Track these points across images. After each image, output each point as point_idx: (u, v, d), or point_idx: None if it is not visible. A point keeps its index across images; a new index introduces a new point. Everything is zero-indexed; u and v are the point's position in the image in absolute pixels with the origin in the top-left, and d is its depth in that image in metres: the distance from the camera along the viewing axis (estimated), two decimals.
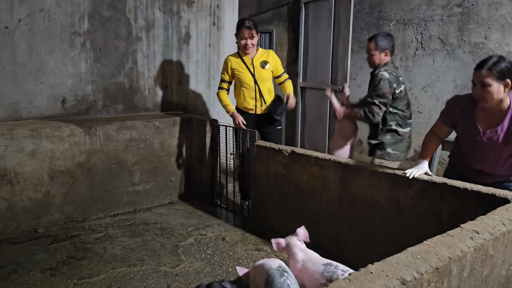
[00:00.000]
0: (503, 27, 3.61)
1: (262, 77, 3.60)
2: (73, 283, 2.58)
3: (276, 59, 3.68)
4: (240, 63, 3.61)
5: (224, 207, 3.97)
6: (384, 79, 2.96)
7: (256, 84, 3.60)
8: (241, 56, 3.64)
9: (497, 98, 2.12)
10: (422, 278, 1.27)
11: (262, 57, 3.63)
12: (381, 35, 3.11)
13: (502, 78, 2.08)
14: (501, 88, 2.09)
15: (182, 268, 2.78)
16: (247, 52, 3.57)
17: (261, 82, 3.60)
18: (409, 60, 4.32)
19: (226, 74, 3.68)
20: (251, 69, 3.59)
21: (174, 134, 4.04)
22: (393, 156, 3.09)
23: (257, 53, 3.64)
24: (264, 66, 3.60)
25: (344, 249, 2.81)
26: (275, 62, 3.67)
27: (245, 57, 3.61)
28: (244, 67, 3.60)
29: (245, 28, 3.46)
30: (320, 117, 5.25)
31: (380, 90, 2.96)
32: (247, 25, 3.46)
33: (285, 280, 1.87)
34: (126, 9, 4.05)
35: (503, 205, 1.91)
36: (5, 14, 3.39)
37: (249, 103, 3.65)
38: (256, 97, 3.62)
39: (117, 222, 3.55)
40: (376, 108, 2.99)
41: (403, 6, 4.31)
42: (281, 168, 3.18)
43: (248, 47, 3.52)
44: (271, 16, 6.03)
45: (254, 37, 3.52)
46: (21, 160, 3.20)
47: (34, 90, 3.61)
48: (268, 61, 3.62)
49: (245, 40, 3.51)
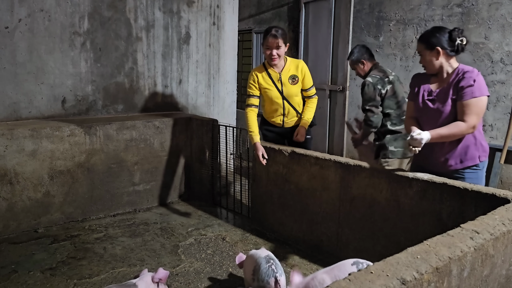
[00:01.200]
0: (503, 27, 3.61)
1: (290, 94, 3.24)
2: (73, 283, 2.58)
3: (305, 70, 3.27)
4: (266, 78, 3.23)
5: (224, 207, 3.97)
6: (368, 84, 3.11)
7: (285, 100, 3.25)
8: (266, 69, 3.24)
9: (432, 65, 2.35)
10: (422, 278, 1.27)
11: (290, 70, 3.23)
12: (352, 51, 3.34)
13: (430, 47, 2.32)
14: (433, 55, 2.32)
15: (182, 268, 2.78)
16: (273, 63, 3.16)
17: (290, 98, 3.26)
18: (409, 60, 4.32)
19: (255, 88, 3.24)
20: (279, 86, 3.22)
21: (174, 134, 4.04)
22: (396, 153, 3.10)
23: (285, 65, 3.23)
24: (293, 82, 3.23)
25: (344, 249, 2.81)
26: (304, 74, 3.26)
27: (272, 71, 3.21)
28: (271, 83, 3.22)
29: (271, 36, 3.08)
30: (320, 117, 5.25)
31: (366, 95, 3.11)
32: (273, 33, 3.08)
33: (270, 266, 2.07)
34: (126, 9, 4.06)
35: (503, 205, 1.91)
36: (5, 14, 3.39)
37: (276, 118, 3.34)
38: (285, 113, 3.29)
39: (117, 222, 3.55)
40: (369, 113, 3.11)
41: (403, 6, 4.31)
42: (281, 168, 3.19)
43: (274, 57, 3.12)
44: (271, 16, 6.03)
45: (281, 47, 3.12)
46: (21, 160, 3.20)
47: (34, 90, 3.61)
48: (297, 75, 3.23)
49: (270, 50, 3.12)
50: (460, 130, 2.24)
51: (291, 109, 3.28)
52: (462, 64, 2.37)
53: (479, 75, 2.26)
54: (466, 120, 2.23)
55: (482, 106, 2.24)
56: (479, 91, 2.22)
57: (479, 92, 2.22)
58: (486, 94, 2.24)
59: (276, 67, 3.22)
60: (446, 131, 2.25)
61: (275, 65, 3.20)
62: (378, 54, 4.56)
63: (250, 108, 3.25)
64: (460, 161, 2.34)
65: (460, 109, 2.26)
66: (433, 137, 2.24)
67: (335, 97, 5.07)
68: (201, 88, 4.76)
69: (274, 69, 3.22)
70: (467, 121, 2.22)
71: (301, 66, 3.26)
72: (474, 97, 2.21)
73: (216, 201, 4.04)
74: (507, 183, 3.70)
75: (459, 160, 2.34)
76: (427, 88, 2.42)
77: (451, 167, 2.36)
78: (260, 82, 3.24)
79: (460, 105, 2.26)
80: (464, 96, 2.24)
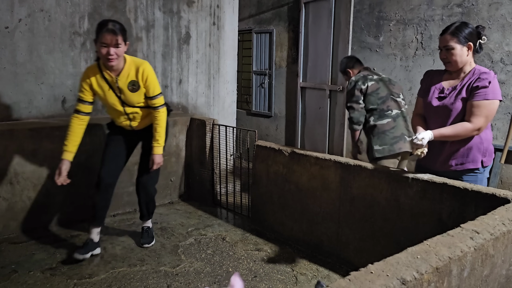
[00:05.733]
0: (503, 27, 3.61)
1: (132, 102, 2.75)
2: (73, 283, 2.58)
3: (147, 74, 2.72)
4: (101, 82, 2.68)
5: (224, 207, 3.97)
6: (350, 82, 3.20)
7: (127, 106, 2.78)
8: (101, 70, 2.66)
9: (461, 61, 2.27)
10: (422, 278, 1.27)
11: (130, 75, 2.68)
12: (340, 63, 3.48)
13: (464, 41, 2.24)
14: (464, 50, 2.25)
15: (182, 268, 2.78)
16: (110, 64, 2.57)
17: (133, 106, 2.77)
18: (409, 60, 4.32)
19: (87, 93, 2.69)
20: (117, 93, 2.70)
21: (174, 134, 4.03)
22: (382, 151, 3.07)
23: (124, 68, 2.67)
24: (133, 89, 2.70)
25: (344, 249, 2.82)
26: (146, 79, 2.72)
27: (107, 74, 2.66)
28: (107, 89, 2.69)
29: (108, 31, 2.48)
30: (320, 117, 5.25)
31: (348, 93, 3.18)
32: (111, 27, 2.49)
33: None
34: (126, 9, 4.06)
35: (503, 205, 1.91)
36: (5, 14, 3.39)
37: (123, 124, 2.89)
38: (130, 118, 2.85)
39: (117, 222, 3.54)
40: (350, 110, 3.16)
41: (403, 6, 4.31)
42: (281, 168, 3.19)
43: (111, 58, 2.53)
44: (271, 16, 6.03)
45: (120, 45, 2.54)
46: (21, 160, 3.20)
47: (34, 90, 3.61)
48: (137, 81, 2.70)
49: (106, 48, 2.51)
50: (465, 130, 2.20)
51: (137, 113, 2.82)
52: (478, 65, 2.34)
53: (495, 78, 2.22)
54: (472, 121, 2.19)
55: (492, 109, 2.20)
56: (492, 94, 2.18)
57: (492, 95, 2.18)
58: (499, 98, 2.20)
59: (113, 70, 2.64)
60: (450, 131, 2.22)
61: (112, 66, 2.61)
62: (378, 54, 4.56)
63: (76, 116, 2.70)
64: (460, 163, 2.32)
65: (469, 109, 2.22)
66: (436, 137, 2.20)
67: (335, 97, 5.07)
68: (201, 88, 4.76)
69: (110, 72, 2.65)
70: (474, 122, 2.19)
71: (142, 69, 2.68)
72: (486, 99, 2.18)
73: (216, 201, 4.04)
74: (507, 183, 3.70)
75: (460, 161, 2.32)
76: (439, 86, 2.38)
77: (451, 168, 2.35)
78: (94, 88, 2.68)
79: (470, 105, 2.22)
80: (476, 96, 2.20)
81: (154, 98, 2.78)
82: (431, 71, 2.53)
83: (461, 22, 2.28)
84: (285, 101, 5.96)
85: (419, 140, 2.16)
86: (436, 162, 2.39)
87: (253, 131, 3.62)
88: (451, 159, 2.34)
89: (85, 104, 2.71)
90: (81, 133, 2.74)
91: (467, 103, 2.24)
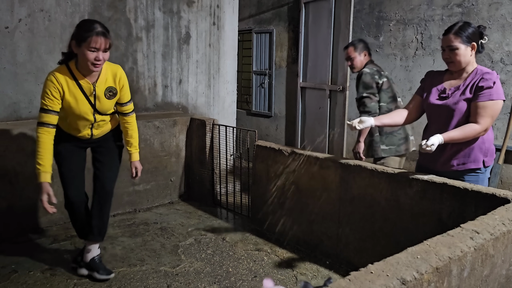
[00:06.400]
0: (503, 27, 3.61)
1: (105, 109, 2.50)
2: (73, 283, 2.58)
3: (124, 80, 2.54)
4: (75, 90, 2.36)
5: (224, 207, 3.97)
6: (365, 73, 3.09)
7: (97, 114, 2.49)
8: (75, 77, 2.35)
9: (464, 61, 2.26)
10: (422, 278, 1.27)
11: (108, 81, 2.45)
12: (356, 40, 3.32)
13: (468, 41, 2.23)
14: (468, 50, 2.24)
15: (182, 268, 2.78)
16: (95, 70, 2.31)
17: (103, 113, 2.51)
18: (409, 60, 4.32)
19: (56, 102, 2.35)
20: (92, 100, 2.42)
21: (174, 134, 4.03)
22: (389, 151, 3.08)
23: (102, 74, 2.42)
24: (111, 96, 2.48)
25: (344, 249, 2.82)
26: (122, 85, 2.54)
27: (84, 82, 2.36)
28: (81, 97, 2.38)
29: (100, 34, 2.23)
30: (320, 117, 5.25)
31: (364, 83, 3.07)
32: (102, 30, 2.25)
33: None
34: (126, 9, 4.05)
35: (503, 205, 1.91)
36: (5, 14, 3.39)
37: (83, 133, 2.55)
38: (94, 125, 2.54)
39: (117, 222, 3.55)
40: (367, 99, 3.05)
41: (403, 6, 4.31)
42: (281, 168, 3.18)
43: (98, 64, 2.28)
44: (271, 16, 6.03)
45: (108, 51, 2.31)
46: (21, 160, 3.19)
47: (34, 90, 3.61)
48: (115, 87, 2.49)
49: (95, 53, 2.24)
50: (473, 132, 2.19)
51: (103, 121, 2.56)
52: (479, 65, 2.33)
53: (498, 78, 2.23)
54: (479, 122, 2.19)
55: (497, 109, 2.21)
56: (496, 94, 2.19)
57: (496, 95, 2.19)
58: (502, 98, 2.21)
59: (90, 76, 2.37)
60: (459, 134, 2.20)
61: (93, 72, 2.35)
62: (378, 54, 4.56)
63: (46, 129, 2.33)
64: (462, 163, 2.32)
65: (474, 110, 2.21)
66: (445, 141, 2.19)
67: (335, 97, 5.07)
68: (201, 88, 4.76)
69: (87, 79, 2.36)
70: (481, 123, 2.18)
71: (119, 74, 2.49)
72: (492, 100, 2.18)
73: (216, 201, 4.04)
74: (507, 183, 3.70)
75: (461, 161, 2.32)
76: (440, 86, 2.38)
77: (452, 168, 2.35)
78: (66, 96, 2.35)
79: (475, 105, 2.21)
80: (481, 97, 2.19)
81: (127, 104, 2.61)
82: (432, 72, 2.53)
83: (464, 22, 2.27)
84: (285, 101, 5.96)
85: (428, 146, 2.12)
86: (437, 162, 2.39)
87: (253, 131, 3.62)
88: (452, 159, 2.34)
89: (53, 115, 2.34)
90: (52, 148, 2.36)
91: (471, 104, 2.23)
